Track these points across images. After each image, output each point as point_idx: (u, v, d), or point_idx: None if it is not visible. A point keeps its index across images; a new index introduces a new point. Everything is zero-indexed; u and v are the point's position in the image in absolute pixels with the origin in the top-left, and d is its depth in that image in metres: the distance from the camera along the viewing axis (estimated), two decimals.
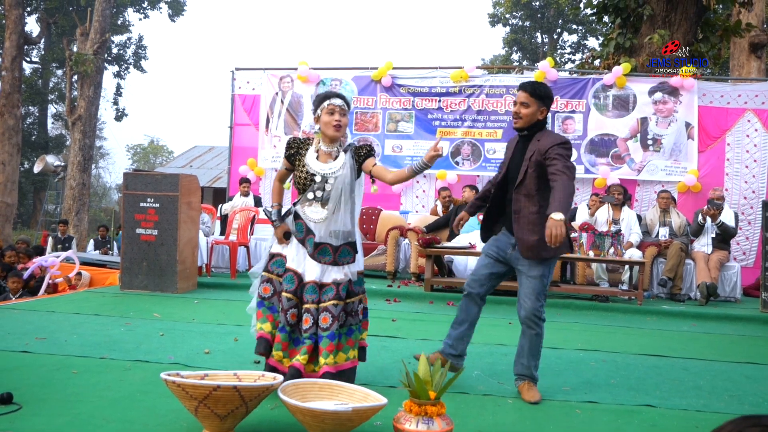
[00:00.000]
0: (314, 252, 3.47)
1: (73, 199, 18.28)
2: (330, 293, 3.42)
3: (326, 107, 3.53)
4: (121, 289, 7.26)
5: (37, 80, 28.04)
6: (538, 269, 3.57)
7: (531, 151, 3.55)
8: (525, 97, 3.58)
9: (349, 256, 3.52)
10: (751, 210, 10.01)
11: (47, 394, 3.28)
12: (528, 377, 3.59)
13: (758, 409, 3.49)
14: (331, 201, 3.48)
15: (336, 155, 3.57)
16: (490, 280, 3.78)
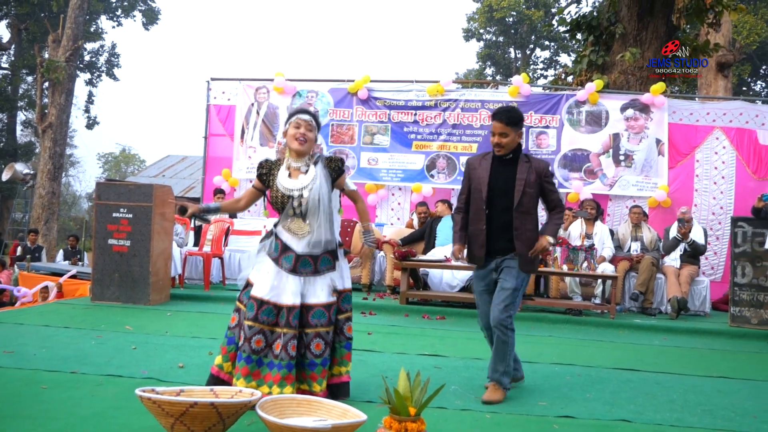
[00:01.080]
0: (295, 265, 3.48)
1: (42, 207, 17.95)
2: (323, 319, 3.46)
3: (293, 122, 3.61)
4: (92, 300, 7.14)
5: (7, 86, 27.56)
6: (515, 281, 3.84)
7: (524, 173, 3.86)
8: (502, 128, 3.84)
9: (330, 264, 3.57)
10: (719, 225, 10.19)
11: (15, 411, 3.20)
12: (495, 380, 3.81)
13: (731, 424, 3.54)
14: (310, 214, 3.51)
15: (306, 169, 3.59)
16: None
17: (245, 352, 3.37)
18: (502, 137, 3.85)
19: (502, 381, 3.81)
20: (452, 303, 7.99)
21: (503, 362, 3.81)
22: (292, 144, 3.57)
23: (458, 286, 8.23)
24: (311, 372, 3.45)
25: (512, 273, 3.86)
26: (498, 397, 3.75)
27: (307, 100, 11.14)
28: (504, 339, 3.80)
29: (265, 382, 3.36)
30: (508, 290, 3.81)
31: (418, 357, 5.09)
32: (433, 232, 8.84)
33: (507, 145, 3.87)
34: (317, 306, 3.47)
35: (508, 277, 3.85)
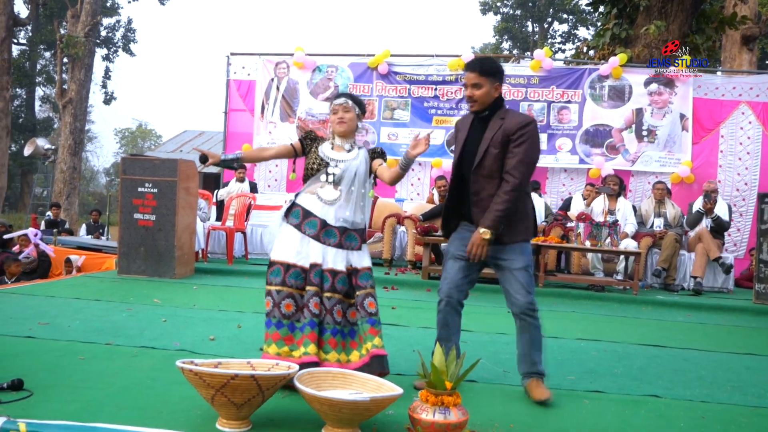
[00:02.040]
0: (319, 232, 3.45)
1: (64, 182, 18.14)
2: (343, 284, 3.45)
3: (331, 109, 3.65)
4: (119, 274, 7.24)
5: (25, 62, 27.69)
6: (522, 259, 3.37)
7: (493, 130, 3.31)
8: (475, 78, 3.32)
9: (355, 242, 3.52)
10: (743, 202, 10.11)
11: (56, 381, 3.27)
12: (534, 374, 3.39)
13: (762, 401, 3.55)
14: (343, 183, 3.51)
15: (350, 149, 3.63)
16: (468, 283, 3.52)
17: (275, 318, 3.36)
18: (475, 89, 3.32)
19: (542, 371, 3.41)
20: None
21: (538, 350, 3.40)
22: (335, 127, 3.61)
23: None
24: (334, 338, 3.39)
25: (515, 252, 3.37)
26: (548, 392, 3.31)
27: (326, 74, 11.11)
28: (535, 324, 3.36)
29: (298, 347, 3.33)
30: (520, 270, 3.35)
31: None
32: None
33: (481, 98, 3.33)
34: (341, 273, 3.44)
35: (513, 255, 3.36)
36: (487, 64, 3.37)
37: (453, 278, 3.49)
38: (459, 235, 3.54)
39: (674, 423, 3.13)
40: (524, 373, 3.44)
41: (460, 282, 3.48)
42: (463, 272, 3.48)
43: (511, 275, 3.37)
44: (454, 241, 3.56)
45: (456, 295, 3.49)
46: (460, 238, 3.52)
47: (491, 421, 2.98)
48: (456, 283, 3.48)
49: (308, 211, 3.49)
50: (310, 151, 3.64)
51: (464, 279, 3.49)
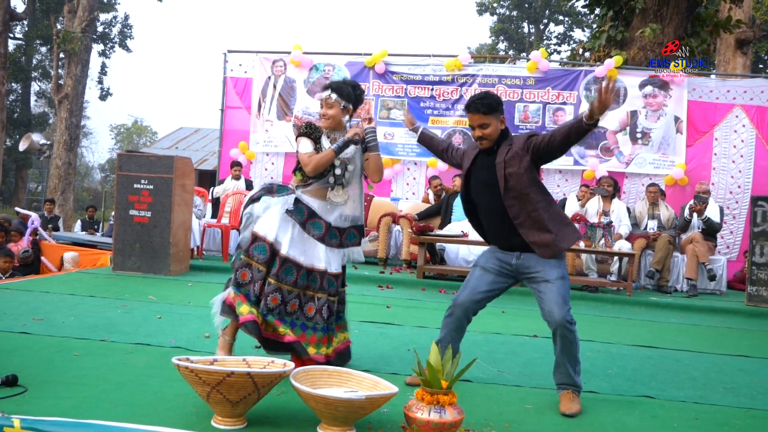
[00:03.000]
0: (324, 235, 3.50)
1: (59, 178, 18.08)
2: (332, 288, 3.53)
3: (323, 99, 3.64)
4: (114, 270, 7.22)
5: (21, 57, 27.57)
6: (558, 270, 3.29)
7: (502, 155, 3.32)
8: (480, 118, 3.32)
9: (355, 239, 3.60)
10: (736, 204, 10.16)
11: (51, 377, 3.27)
12: (571, 385, 3.31)
13: (754, 402, 3.58)
14: (351, 185, 3.57)
15: None
16: (489, 297, 3.48)
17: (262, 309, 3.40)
18: (483, 129, 3.32)
19: (578, 383, 3.32)
20: None
21: (575, 363, 3.31)
22: (321, 122, 3.63)
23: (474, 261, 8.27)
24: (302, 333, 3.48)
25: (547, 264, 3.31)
26: (578, 407, 3.24)
27: (323, 73, 11.12)
28: (571, 338, 3.25)
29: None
30: (556, 281, 3.26)
31: (437, 330, 5.09)
32: (449, 208, 8.86)
33: (490, 135, 3.32)
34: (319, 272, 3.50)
35: (548, 267, 3.29)
36: (488, 101, 3.34)
37: (475, 289, 3.46)
38: (492, 250, 3.53)
39: (667, 424, 3.15)
40: (559, 384, 3.36)
41: (482, 295, 3.46)
42: (489, 284, 3.45)
43: (547, 287, 3.28)
44: (486, 254, 3.54)
45: (473, 306, 3.48)
46: (492, 251, 3.52)
47: (486, 421, 3.00)
48: (476, 295, 3.46)
49: (313, 212, 3.50)
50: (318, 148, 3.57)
51: (486, 293, 3.46)
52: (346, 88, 3.61)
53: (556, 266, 3.30)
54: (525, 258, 3.35)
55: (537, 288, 3.33)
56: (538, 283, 3.32)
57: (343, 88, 3.61)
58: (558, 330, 3.25)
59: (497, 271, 3.43)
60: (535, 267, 3.32)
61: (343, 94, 3.59)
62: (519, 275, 3.43)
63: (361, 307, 5.92)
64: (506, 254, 3.42)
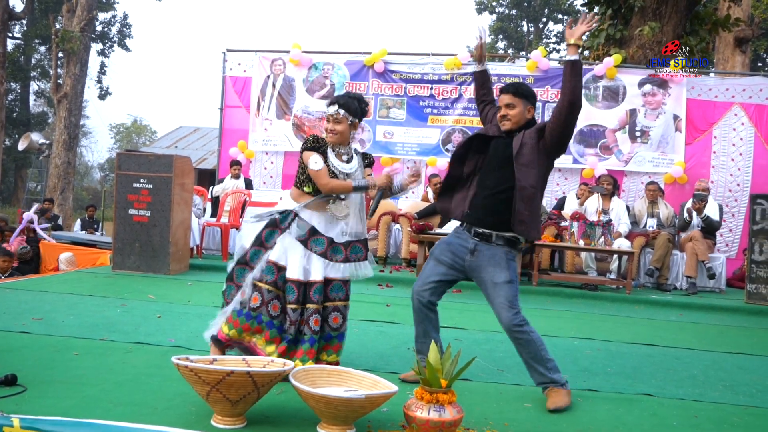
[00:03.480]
0: (326, 249, 3.47)
1: (58, 177, 18.08)
2: (341, 293, 3.51)
3: (325, 115, 3.60)
4: (113, 269, 7.23)
5: (20, 56, 27.55)
6: (506, 273, 3.33)
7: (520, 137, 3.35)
8: (509, 98, 3.38)
9: (360, 253, 3.55)
10: (735, 202, 10.16)
11: (51, 376, 3.27)
12: (548, 383, 3.31)
13: (753, 400, 3.58)
14: (353, 199, 3.55)
15: (347, 158, 3.61)
16: (441, 288, 3.53)
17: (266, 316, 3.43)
18: (509, 108, 3.37)
19: (555, 379, 3.31)
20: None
21: (540, 362, 3.31)
22: (327, 138, 3.56)
23: None
24: (324, 343, 3.51)
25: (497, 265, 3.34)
26: (564, 400, 3.24)
27: (323, 72, 11.11)
28: (527, 338, 3.29)
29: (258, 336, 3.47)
30: (503, 284, 3.31)
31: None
32: None
33: (514, 117, 3.37)
34: (336, 280, 3.49)
35: (496, 268, 3.33)
36: (519, 85, 3.46)
37: (427, 278, 3.52)
38: (448, 242, 3.55)
39: (667, 422, 3.16)
40: (537, 384, 3.39)
41: (433, 285, 3.50)
42: (440, 276, 3.50)
43: (494, 290, 3.33)
44: (441, 245, 3.58)
45: (427, 296, 3.50)
46: (447, 243, 3.55)
47: (486, 420, 3.00)
48: (428, 284, 3.50)
49: (315, 229, 3.48)
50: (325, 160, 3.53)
51: (437, 283, 3.50)
52: (353, 102, 3.56)
53: (505, 269, 3.34)
54: (478, 255, 3.38)
55: (485, 290, 3.40)
56: (486, 285, 3.37)
57: (351, 102, 3.55)
58: (510, 334, 3.32)
59: (449, 265, 3.48)
60: (486, 268, 3.36)
61: (351, 109, 3.54)
62: (469, 273, 3.46)
63: (360, 305, 5.92)
64: (462, 248, 3.44)
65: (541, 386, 3.36)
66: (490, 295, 3.36)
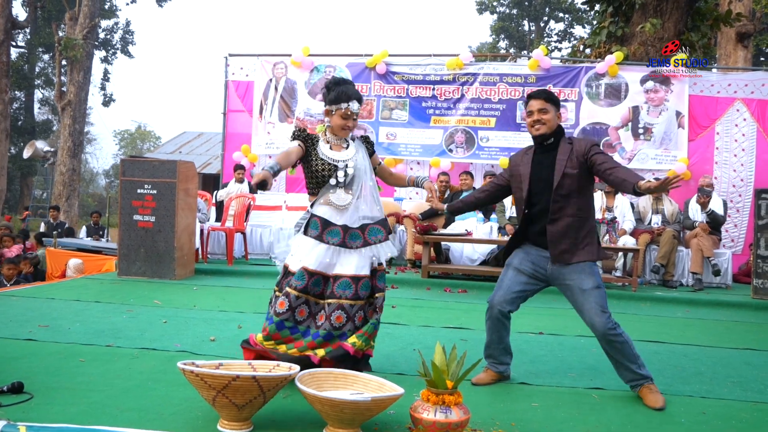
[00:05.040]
0: (344, 238, 3.42)
1: (64, 184, 18.14)
2: (348, 291, 3.38)
3: (343, 110, 3.46)
4: (119, 275, 7.25)
5: (24, 65, 27.66)
6: (592, 279, 3.38)
7: (565, 154, 3.41)
8: (541, 104, 3.44)
9: (380, 234, 3.50)
10: (739, 198, 10.14)
11: (57, 383, 3.28)
12: (641, 379, 3.39)
13: (762, 396, 3.56)
14: (355, 184, 3.48)
15: (347, 145, 3.59)
16: (521, 298, 3.58)
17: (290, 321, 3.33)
18: (542, 113, 3.43)
19: (646, 374, 3.39)
20: (473, 276, 8.05)
21: (633, 360, 3.38)
22: (339, 132, 3.51)
23: (479, 260, 8.29)
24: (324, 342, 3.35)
25: (582, 272, 3.39)
26: (660, 400, 3.29)
27: (324, 74, 11.11)
28: (621, 340, 3.35)
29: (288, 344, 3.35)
30: (592, 290, 3.35)
31: (443, 330, 5.15)
32: None
33: (549, 121, 3.43)
34: (344, 277, 3.40)
35: (583, 275, 3.38)
36: (552, 94, 3.53)
37: (509, 289, 3.54)
38: (526, 251, 3.57)
39: (675, 419, 3.14)
40: (628, 381, 3.45)
41: (515, 295, 3.54)
42: (522, 285, 3.54)
43: (583, 296, 3.37)
44: (520, 255, 3.60)
45: (507, 307, 3.54)
46: (526, 253, 3.57)
47: (493, 420, 2.99)
48: (510, 295, 3.54)
49: (326, 221, 3.44)
50: (311, 153, 3.54)
51: (519, 294, 3.55)
52: (361, 96, 3.56)
53: (590, 275, 3.39)
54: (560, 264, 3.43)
55: (573, 297, 3.44)
56: (573, 291, 3.41)
57: (361, 95, 3.54)
58: (603, 339, 3.37)
59: (530, 274, 3.53)
60: (570, 276, 3.41)
61: (361, 100, 3.55)
62: (552, 281, 3.51)
63: None
64: (541, 257, 3.49)
65: (632, 383, 3.43)
66: (579, 301, 3.41)
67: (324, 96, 3.58)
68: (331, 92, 3.50)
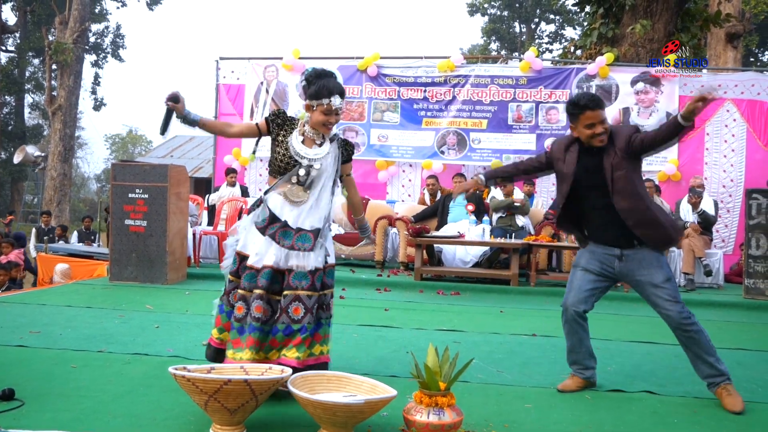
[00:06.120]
0: (276, 233, 3.25)
1: (54, 189, 18.06)
2: (305, 281, 3.20)
3: (324, 106, 3.23)
4: (111, 280, 7.21)
5: (14, 69, 27.52)
6: (662, 272, 3.39)
7: (610, 156, 3.36)
8: (601, 114, 3.35)
9: (308, 243, 3.24)
10: (730, 198, 10.19)
11: (49, 390, 3.26)
12: (720, 375, 3.37)
13: (753, 395, 3.57)
14: (314, 185, 3.30)
15: (321, 142, 3.36)
16: (594, 297, 3.57)
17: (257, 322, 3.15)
18: (604, 124, 3.34)
19: (724, 370, 3.37)
20: (466, 279, 8.06)
21: (711, 353, 3.38)
22: (319, 128, 3.31)
23: (471, 262, 8.29)
24: (285, 338, 3.17)
25: (650, 266, 3.40)
26: (740, 403, 3.27)
27: None
28: (697, 329, 3.35)
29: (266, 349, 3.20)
30: (664, 283, 3.36)
31: (436, 332, 5.15)
32: (445, 209, 8.87)
33: (607, 129, 3.36)
34: (299, 267, 3.21)
35: (652, 270, 3.38)
36: (600, 98, 3.46)
37: (580, 288, 3.55)
38: (592, 251, 3.56)
39: (668, 419, 3.15)
40: (705, 378, 3.43)
41: (587, 294, 3.54)
42: (592, 283, 3.54)
43: (656, 290, 3.38)
44: (585, 254, 3.59)
45: (581, 306, 3.55)
46: (590, 252, 3.56)
47: (486, 421, 2.99)
48: (582, 294, 3.54)
49: (274, 215, 3.28)
50: (278, 137, 3.35)
51: (591, 292, 3.55)
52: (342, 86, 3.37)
53: (659, 267, 3.40)
54: (627, 260, 3.43)
55: (644, 292, 3.45)
56: (644, 286, 3.43)
57: (342, 87, 3.35)
58: (678, 329, 3.38)
59: (599, 272, 3.52)
60: (639, 271, 3.42)
61: (344, 94, 3.35)
62: (622, 278, 3.53)
63: (359, 310, 5.93)
64: (607, 255, 3.48)
65: (710, 381, 3.39)
66: (651, 295, 3.41)
67: (304, 89, 3.40)
68: (312, 86, 3.29)
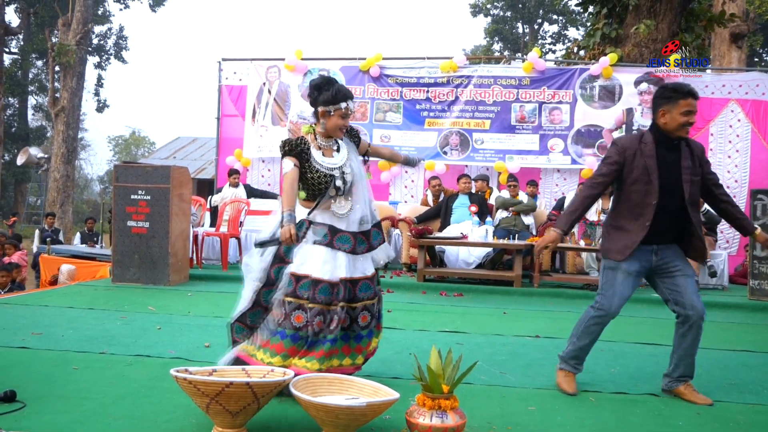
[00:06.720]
0: (354, 245, 3.37)
1: (57, 191, 18.09)
2: (369, 291, 3.45)
3: (342, 110, 3.35)
4: (113, 282, 7.21)
5: (17, 71, 27.58)
6: (691, 267, 3.54)
7: (687, 158, 3.38)
8: (696, 104, 3.35)
9: (380, 236, 3.51)
10: (734, 199, 10.11)
11: (50, 391, 3.25)
12: (690, 375, 3.51)
13: (759, 398, 3.55)
14: (355, 192, 3.45)
15: (336, 146, 3.49)
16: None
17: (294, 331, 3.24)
18: (694, 115, 3.37)
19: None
20: (469, 280, 8.04)
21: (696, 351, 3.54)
22: (335, 133, 3.41)
23: (474, 263, 8.27)
24: (357, 344, 3.43)
25: (683, 259, 3.51)
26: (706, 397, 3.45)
27: None
28: (701, 328, 3.50)
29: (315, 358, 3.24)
30: (692, 276, 3.51)
31: (439, 334, 5.13)
32: (448, 210, 8.85)
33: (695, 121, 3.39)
34: (363, 279, 3.42)
35: (684, 262, 3.50)
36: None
37: (622, 296, 3.55)
38: (641, 255, 3.49)
39: (672, 422, 3.13)
40: (680, 376, 3.52)
41: (626, 298, 3.58)
42: (631, 290, 3.58)
43: (686, 281, 3.45)
44: (630, 262, 3.49)
45: (620, 310, 3.59)
46: (640, 258, 3.50)
47: (489, 424, 2.97)
48: (624, 301, 3.57)
49: (335, 228, 3.36)
50: (306, 163, 3.39)
51: (630, 296, 3.61)
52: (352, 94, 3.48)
53: (688, 263, 3.53)
54: (663, 254, 3.48)
55: (674, 282, 3.47)
56: (676, 277, 3.47)
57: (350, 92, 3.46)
58: (697, 322, 3.44)
59: (637, 273, 3.53)
60: (674, 262, 3.48)
61: (353, 98, 3.47)
62: (655, 271, 3.53)
63: None
64: (646, 252, 3.48)
65: (681, 380, 3.52)
66: (682, 285, 3.45)
67: (312, 98, 3.46)
68: (326, 92, 3.37)
